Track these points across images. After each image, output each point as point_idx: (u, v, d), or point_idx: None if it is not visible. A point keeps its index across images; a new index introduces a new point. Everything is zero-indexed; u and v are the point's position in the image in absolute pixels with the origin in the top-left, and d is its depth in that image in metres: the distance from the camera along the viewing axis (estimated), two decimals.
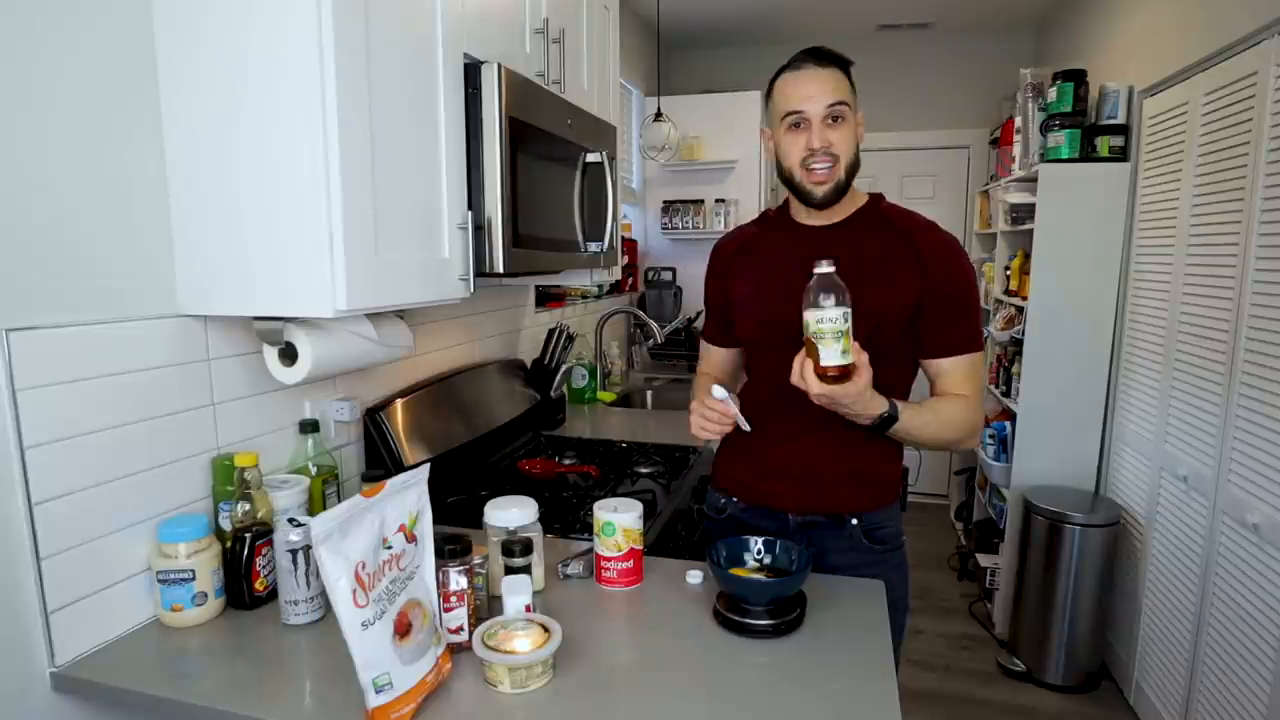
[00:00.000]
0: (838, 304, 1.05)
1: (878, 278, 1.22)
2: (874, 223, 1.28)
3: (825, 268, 1.06)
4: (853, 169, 1.23)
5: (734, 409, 1.21)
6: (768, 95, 1.27)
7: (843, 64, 1.22)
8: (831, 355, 1.06)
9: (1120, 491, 2.60)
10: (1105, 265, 2.63)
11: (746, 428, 1.23)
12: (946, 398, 1.27)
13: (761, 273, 1.34)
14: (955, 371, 1.26)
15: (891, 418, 1.16)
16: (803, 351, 1.10)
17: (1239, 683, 1.83)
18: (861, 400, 1.11)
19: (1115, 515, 2.51)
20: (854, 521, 1.32)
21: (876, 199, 1.33)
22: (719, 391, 1.19)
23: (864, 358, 1.08)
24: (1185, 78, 2.26)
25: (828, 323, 1.05)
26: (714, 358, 1.52)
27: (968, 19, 3.77)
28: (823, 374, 1.08)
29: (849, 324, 1.06)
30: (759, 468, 1.35)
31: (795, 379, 1.10)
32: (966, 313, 1.25)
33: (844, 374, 1.07)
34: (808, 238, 1.30)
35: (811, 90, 1.18)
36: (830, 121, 1.19)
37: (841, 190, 1.23)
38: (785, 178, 1.26)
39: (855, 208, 1.30)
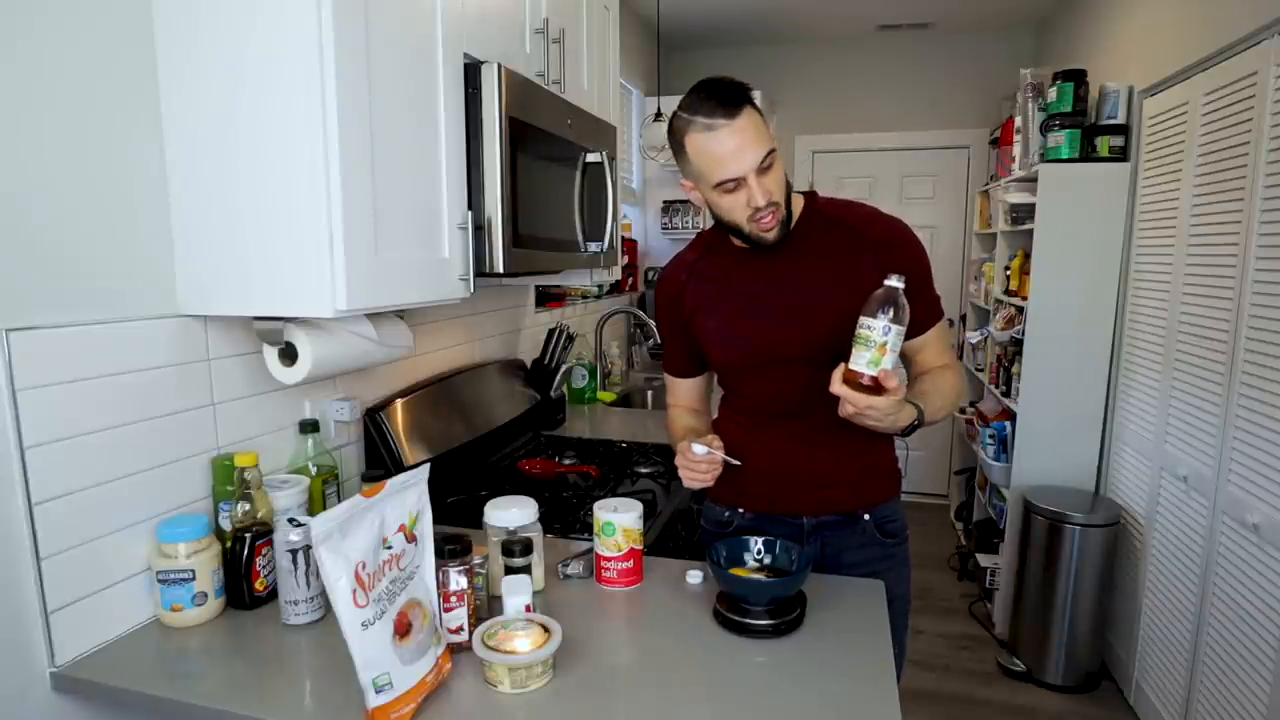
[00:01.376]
0: (886, 318, 1.05)
1: (839, 278, 1.22)
2: (819, 222, 1.26)
3: (894, 282, 1.06)
4: (790, 199, 1.20)
5: (719, 455, 1.21)
6: (676, 148, 1.17)
7: (745, 97, 1.12)
8: (860, 362, 1.06)
9: (1120, 491, 2.60)
10: (1105, 265, 2.63)
11: (736, 463, 1.23)
12: (937, 373, 1.29)
13: (723, 301, 1.30)
14: (931, 344, 1.29)
15: (920, 421, 1.16)
16: (841, 368, 1.09)
17: (1239, 683, 1.83)
18: (890, 415, 1.10)
19: (1115, 515, 2.51)
20: (866, 517, 1.33)
21: (812, 199, 1.29)
22: (699, 449, 1.18)
23: (893, 381, 1.06)
24: (1185, 78, 2.26)
25: (866, 330, 1.06)
26: (684, 389, 1.47)
27: (968, 19, 3.77)
28: (850, 378, 1.08)
29: (888, 339, 1.05)
30: (765, 476, 1.33)
31: (835, 388, 1.08)
32: (926, 285, 1.25)
33: (874, 386, 1.07)
34: (756, 256, 1.26)
35: (736, 148, 1.09)
36: (763, 171, 1.12)
37: (788, 225, 1.21)
38: (731, 229, 1.22)
39: (794, 216, 1.26)
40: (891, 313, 1.05)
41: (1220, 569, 1.94)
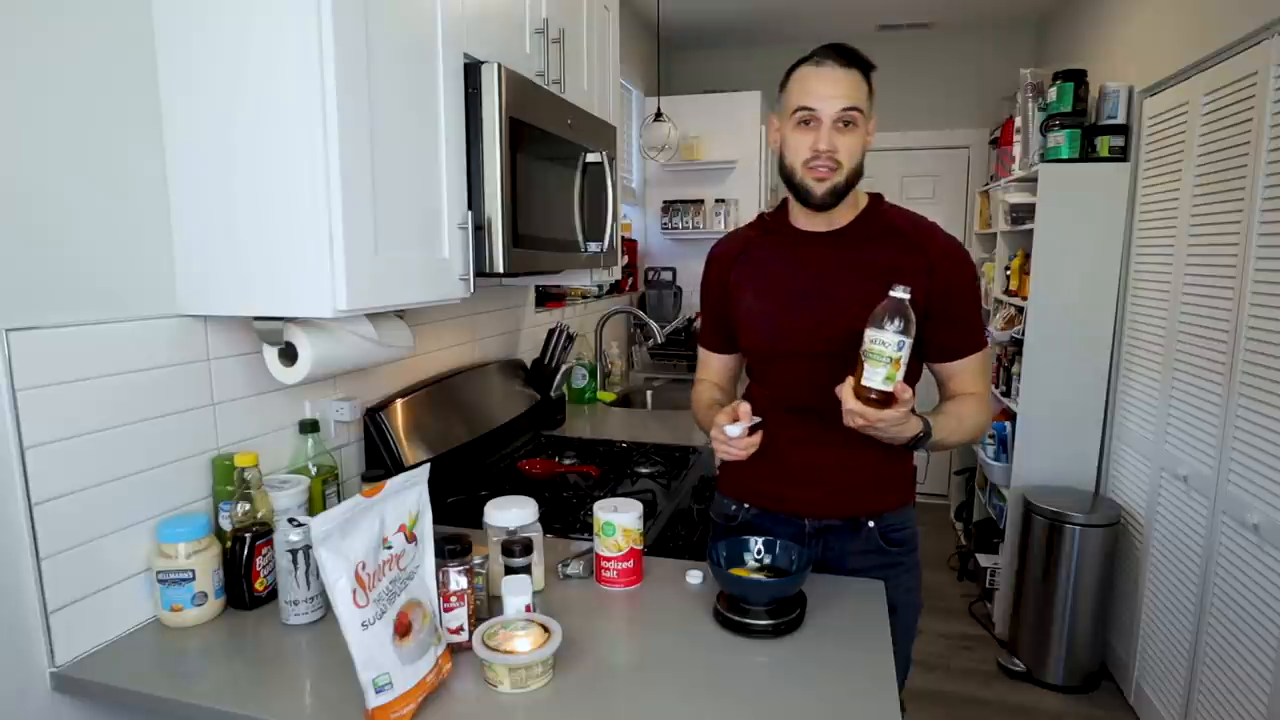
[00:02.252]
0: (898, 331, 1.04)
1: (884, 284, 1.18)
2: (877, 228, 1.26)
3: (900, 293, 1.05)
4: (854, 177, 1.21)
5: (748, 432, 1.20)
6: (783, 83, 1.24)
7: (865, 67, 1.19)
8: (874, 378, 1.05)
9: (1120, 491, 2.60)
10: (1105, 265, 2.63)
11: (758, 419, 1.21)
12: (962, 399, 1.26)
13: (766, 284, 1.31)
14: (965, 372, 1.27)
15: (926, 434, 1.15)
16: (850, 382, 1.09)
17: (1239, 683, 1.83)
18: (896, 427, 1.10)
19: (1115, 515, 2.51)
20: (870, 524, 1.31)
21: (876, 201, 1.30)
22: (734, 430, 1.18)
23: (908, 393, 1.07)
24: (1185, 78, 2.26)
25: (879, 345, 1.05)
26: (714, 364, 1.49)
27: (968, 19, 3.77)
28: (861, 394, 1.07)
29: (902, 354, 1.05)
30: (774, 473, 1.33)
31: (848, 402, 1.09)
32: (973, 314, 1.25)
33: (884, 400, 1.06)
34: (809, 245, 1.28)
35: (828, 90, 1.16)
36: (841, 126, 1.17)
37: (839, 195, 1.21)
38: (786, 174, 1.24)
39: (856, 212, 1.28)
40: (901, 324, 1.04)
41: (1220, 569, 1.94)
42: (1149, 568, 2.35)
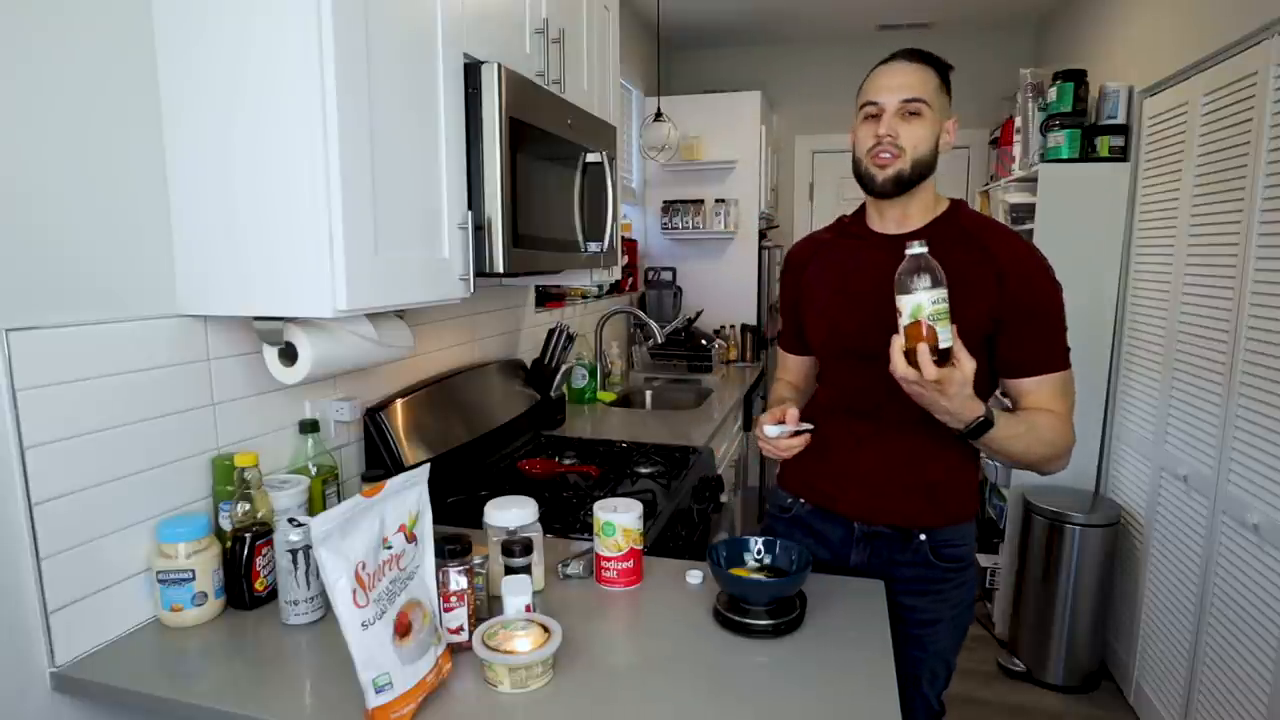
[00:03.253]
0: (936, 284, 1.00)
1: (952, 292, 1.08)
2: (952, 233, 1.22)
3: (917, 248, 1.01)
4: (920, 167, 1.19)
5: (793, 433, 1.19)
6: (858, 91, 1.25)
7: (938, 65, 1.20)
8: (945, 337, 1.01)
9: (1120, 491, 2.60)
10: (1105, 265, 2.62)
11: (809, 427, 1.20)
12: (1040, 411, 1.18)
13: (832, 284, 1.31)
14: (1040, 391, 1.19)
15: (988, 422, 1.08)
16: (899, 340, 1.04)
17: (1239, 683, 1.83)
18: (962, 395, 1.05)
19: (1115, 515, 2.51)
20: (922, 537, 1.27)
21: (957, 206, 1.28)
22: (772, 430, 1.19)
23: (961, 344, 1.03)
24: (1185, 78, 2.26)
25: (942, 303, 1.00)
26: (792, 365, 1.50)
27: (967, 19, 3.77)
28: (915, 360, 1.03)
29: (945, 305, 1.01)
30: (830, 473, 1.32)
31: (901, 369, 1.04)
32: (1051, 328, 1.19)
33: (946, 358, 1.02)
34: (881, 246, 1.25)
35: (891, 83, 1.18)
36: (905, 115, 1.17)
37: (903, 183, 1.19)
38: (855, 169, 1.25)
39: (933, 215, 1.25)
40: (929, 279, 1.00)
41: (1220, 569, 1.94)
42: (1149, 568, 2.35)
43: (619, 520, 1.22)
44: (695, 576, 1.26)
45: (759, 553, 1.23)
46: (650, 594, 1.23)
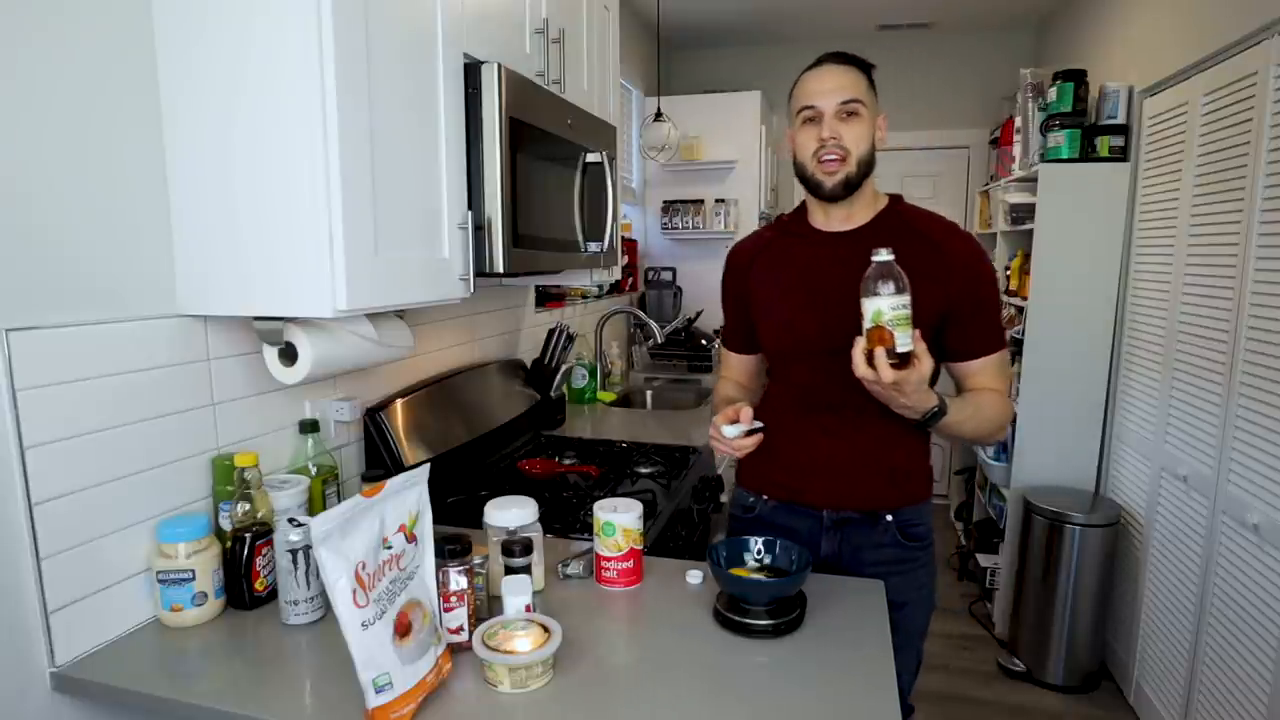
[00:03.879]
0: (899, 290, 1.05)
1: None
2: (895, 227, 1.27)
3: (884, 255, 1.06)
4: (864, 165, 1.23)
5: (747, 434, 1.22)
6: (790, 98, 1.29)
7: (863, 66, 1.25)
8: (904, 341, 1.06)
9: (1120, 491, 2.60)
10: (1105, 265, 2.63)
11: (759, 425, 1.23)
12: (982, 392, 1.27)
13: (784, 283, 1.33)
14: (984, 371, 1.28)
15: (941, 411, 1.16)
16: (860, 342, 1.09)
17: (1239, 683, 1.83)
18: (920, 390, 1.11)
19: (1115, 515, 2.51)
20: (889, 518, 1.32)
21: (895, 201, 1.32)
22: (730, 430, 1.21)
23: (923, 346, 1.08)
24: (1185, 78, 2.26)
25: (902, 309, 1.05)
26: (737, 364, 1.51)
27: (968, 19, 3.77)
28: (890, 361, 1.07)
29: (908, 311, 1.06)
30: (793, 467, 1.34)
31: (861, 370, 1.09)
32: (993, 312, 1.27)
33: (906, 361, 1.07)
34: (827, 244, 1.30)
35: (826, 86, 1.21)
36: (843, 117, 1.21)
37: (851, 185, 1.23)
38: (799, 172, 1.28)
39: (875, 211, 1.30)
40: (894, 285, 1.05)
41: (1220, 569, 1.94)
42: (1149, 568, 2.35)
43: (619, 520, 1.22)
44: (695, 576, 1.26)
45: (759, 553, 1.23)
46: (650, 594, 1.23)
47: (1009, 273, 3.13)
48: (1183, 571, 2.13)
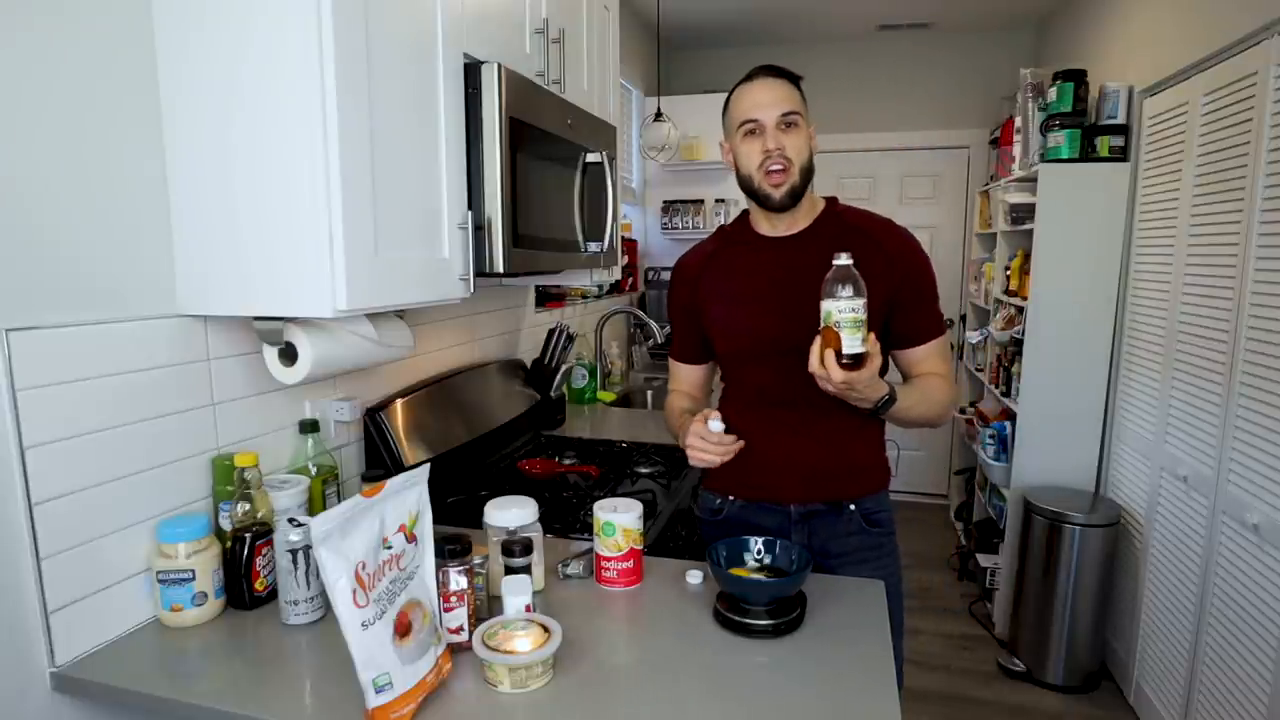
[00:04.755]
0: (856, 294, 1.08)
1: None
2: (835, 228, 1.32)
3: (844, 260, 1.10)
4: (806, 173, 1.28)
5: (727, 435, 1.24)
6: (725, 111, 1.32)
7: (793, 78, 1.29)
8: (853, 344, 1.10)
9: (1120, 491, 2.60)
10: (1105, 265, 2.63)
11: (739, 440, 1.26)
12: (927, 377, 1.32)
13: (734, 291, 1.36)
14: (929, 357, 1.33)
15: (891, 399, 1.20)
16: (818, 341, 1.12)
17: (1239, 683, 1.83)
18: (871, 385, 1.15)
19: (1115, 515, 2.51)
20: (852, 507, 1.36)
21: (832, 203, 1.37)
22: (717, 425, 1.22)
23: (876, 345, 1.12)
24: (1185, 78, 2.26)
25: (850, 312, 1.09)
26: (686, 375, 1.52)
27: (967, 19, 3.77)
28: (841, 361, 1.11)
29: (864, 315, 1.09)
30: (757, 466, 1.35)
31: (814, 367, 1.12)
32: (931, 301, 1.33)
33: (859, 361, 1.11)
34: (772, 249, 1.34)
35: (765, 99, 1.25)
36: (784, 128, 1.25)
37: (797, 194, 1.27)
38: (744, 184, 1.31)
39: (815, 215, 1.34)
40: (853, 289, 1.09)
41: (1220, 569, 1.94)
42: (1149, 568, 2.35)
43: (619, 520, 1.22)
44: (695, 576, 1.26)
45: (759, 553, 1.23)
46: (650, 594, 1.23)
47: (1009, 273, 3.13)
48: (1183, 571, 2.13)
